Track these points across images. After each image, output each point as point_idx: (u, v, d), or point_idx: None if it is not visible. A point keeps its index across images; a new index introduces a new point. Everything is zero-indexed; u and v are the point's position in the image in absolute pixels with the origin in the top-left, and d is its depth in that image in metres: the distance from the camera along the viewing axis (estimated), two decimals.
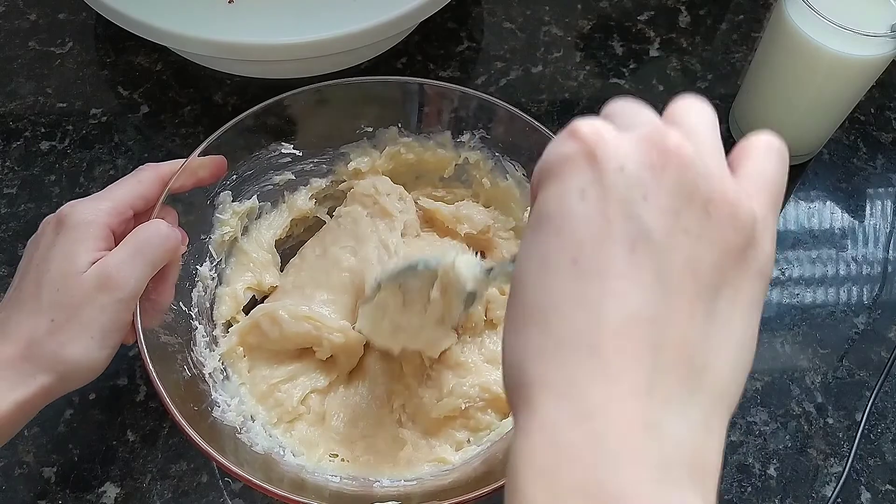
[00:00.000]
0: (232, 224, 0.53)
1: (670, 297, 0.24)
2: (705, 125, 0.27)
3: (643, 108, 0.28)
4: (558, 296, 0.24)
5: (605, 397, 0.23)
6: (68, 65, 0.71)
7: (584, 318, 0.23)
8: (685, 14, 0.77)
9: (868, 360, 0.58)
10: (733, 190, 0.25)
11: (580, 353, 0.23)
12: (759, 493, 0.53)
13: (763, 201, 0.26)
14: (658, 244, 0.24)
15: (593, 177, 0.24)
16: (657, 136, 0.25)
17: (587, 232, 0.24)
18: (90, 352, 0.41)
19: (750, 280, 0.25)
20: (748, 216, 0.25)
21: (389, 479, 0.47)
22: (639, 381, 0.23)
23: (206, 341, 0.50)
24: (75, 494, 0.51)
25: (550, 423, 0.23)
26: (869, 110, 0.71)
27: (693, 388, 0.23)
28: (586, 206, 0.24)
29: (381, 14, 0.62)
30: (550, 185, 0.25)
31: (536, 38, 0.75)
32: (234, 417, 0.47)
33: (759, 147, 0.28)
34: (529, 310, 0.25)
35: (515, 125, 0.53)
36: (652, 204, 0.24)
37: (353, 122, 0.56)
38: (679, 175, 0.24)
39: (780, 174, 0.27)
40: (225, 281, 0.53)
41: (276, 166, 0.55)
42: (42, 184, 0.63)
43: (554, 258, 0.24)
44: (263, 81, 0.70)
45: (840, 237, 0.65)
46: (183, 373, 0.46)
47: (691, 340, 0.24)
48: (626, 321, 0.23)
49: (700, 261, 0.24)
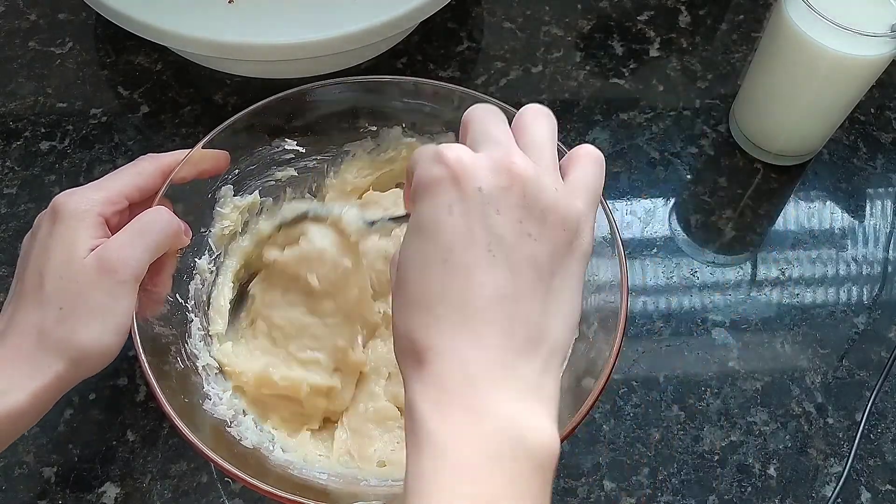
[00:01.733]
0: (232, 218, 0.53)
1: (518, 282, 0.32)
2: (546, 138, 0.35)
3: (496, 122, 0.35)
4: (435, 287, 0.32)
5: (476, 353, 0.32)
6: (68, 65, 0.71)
7: (457, 301, 0.32)
8: (685, 14, 0.77)
9: (868, 360, 0.58)
10: (564, 199, 0.33)
11: (456, 325, 0.32)
12: (759, 493, 0.53)
13: (584, 202, 0.35)
14: (508, 245, 0.32)
15: (458, 196, 0.32)
16: (506, 160, 0.33)
17: (455, 238, 0.32)
18: (101, 336, 0.41)
19: (576, 261, 0.34)
20: (574, 218, 0.34)
21: (377, 478, 0.47)
22: (499, 342, 0.32)
23: (202, 334, 0.50)
24: (75, 494, 0.51)
25: (438, 373, 0.32)
26: (869, 110, 0.71)
27: (535, 344, 0.33)
28: (453, 218, 0.32)
29: (381, 14, 0.62)
30: (425, 201, 0.33)
31: (536, 38, 0.75)
32: (224, 411, 0.47)
33: (582, 157, 0.36)
34: (413, 297, 0.33)
35: None
36: (503, 216, 0.32)
37: (356, 120, 0.56)
38: (522, 192, 0.32)
39: (598, 179, 0.36)
40: (223, 273, 0.53)
41: (279, 162, 0.55)
42: (42, 184, 0.63)
43: (431, 258, 0.33)
44: (263, 81, 0.70)
45: (840, 237, 0.65)
46: (176, 364, 0.46)
47: (534, 312, 0.33)
48: (488, 301, 0.32)
49: (540, 254, 0.33)
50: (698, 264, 0.63)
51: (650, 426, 0.55)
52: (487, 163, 0.33)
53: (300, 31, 0.61)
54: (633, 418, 0.55)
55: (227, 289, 0.53)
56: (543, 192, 0.33)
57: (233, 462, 0.41)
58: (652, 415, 0.56)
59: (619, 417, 0.55)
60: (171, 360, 0.46)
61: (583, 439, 0.54)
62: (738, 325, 0.60)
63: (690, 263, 0.63)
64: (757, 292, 0.62)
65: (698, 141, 0.69)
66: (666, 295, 0.61)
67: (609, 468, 0.53)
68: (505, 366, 0.32)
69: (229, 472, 0.40)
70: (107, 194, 0.44)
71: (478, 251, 0.32)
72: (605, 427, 0.55)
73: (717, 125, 0.70)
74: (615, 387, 0.56)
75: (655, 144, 0.69)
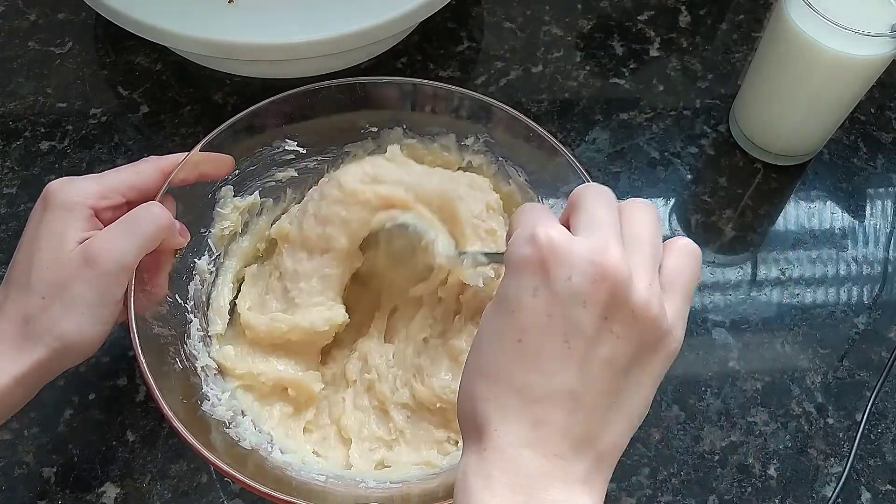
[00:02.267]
0: (232, 219, 0.53)
1: (588, 381, 0.32)
2: (649, 233, 0.34)
3: (605, 205, 0.34)
4: (504, 363, 0.32)
5: (531, 439, 0.32)
6: (68, 65, 0.71)
7: (521, 384, 0.32)
8: (685, 14, 0.77)
9: (868, 360, 0.58)
10: (656, 298, 0.32)
11: (517, 408, 0.32)
12: (759, 493, 0.53)
13: (678, 299, 0.34)
14: (587, 339, 0.31)
15: (544, 281, 0.32)
16: (603, 251, 0.32)
17: (533, 321, 0.32)
18: (82, 327, 0.42)
19: (660, 360, 0.33)
20: (664, 320, 0.32)
21: (375, 480, 0.47)
22: (555, 434, 0.32)
23: (201, 335, 0.50)
24: (75, 494, 0.51)
25: (493, 449, 0.32)
26: (869, 110, 0.71)
27: (591, 443, 0.32)
28: (536, 301, 0.32)
29: (381, 14, 0.62)
30: (512, 277, 0.33)
31: (536, 38, 0.75)
32: (223, 412, 0.47)
33: (679, 248, 0.35)
34: (483, 367, 0.33)
35: (516, 128, 0.53)
36: (588, 310, 0.31)
37: (356, 121, 0.56)
38: (613, 290, 0.31)
39: (694, 274, 0.35)
40: (222, 274, 0.53)
41: (280, 162, 0.55)
42: (42, 184, 0.62)
43: (506, 334, 0.33)
44: (263, 81, 0.70)
45: (840, 237, 0.65)
46: (174, 365, 0.46)
47: (596, 414, 0.32)
48: (553, 393, 0.32)
49: (620, 354, 0.32)
50: None
51: (650, 426, 0.55)
52: (583, 251, 0.32)
53: (300, 31, 0.61)
54: None
55: (226, 289, 0.53)
56: (634, 292, 0.32)
57: (231, 463, 0.41)
58: (652, 415, 0.55)
59: None
60: (169, 361, 0.46)
61: None
62: (738, 325, 0.60)
63: None
64: (757, 292, 0.62)
65: (698, 141, 0.69)
66: None
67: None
68: (557, 456, 0.32)
69: (227, 473, 0.40)
70: (100, 188, 0.45)
71: (554, 340, 0.32)
72: None
73: (717, 125, 0.70)
74: None
75: (655, 144, 0.69)
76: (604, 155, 0.67)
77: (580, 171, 0.50)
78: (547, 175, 0.53)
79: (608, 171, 0.66)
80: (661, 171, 0.67)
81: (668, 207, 0.66)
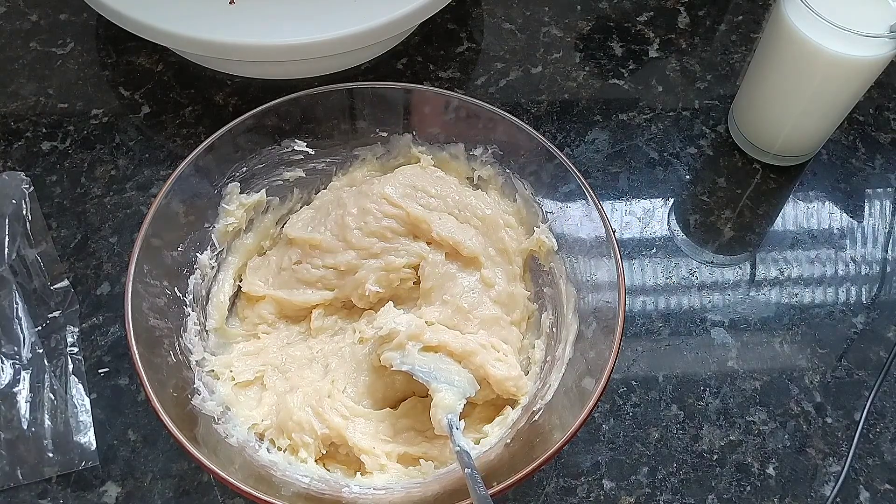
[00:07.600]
0: (237, 216, 0.53)
1: None
2: None
3: None
4: None
5: None
6: (69, 65, 0.71)
7: None
8: (684, 15, 0.78)
9: (867, 360, 0.59)
10: None
11: None
12: (758, 492, 0.53)
13: None
14: None
15: None
16: None
17: None
18: None
19: None
20: None
21: (359, 485, 0.47)
22: None
23: (197, 329, 0.50)
24: (76, 494, 0.51)
25: None
26: (868, 111, 0.71)
27: None
28: None
29: (381, 15, 0.62)
30: None
31: (536, 39, 0.75)
32: (213, 407, 0.47)
33: None
34: None
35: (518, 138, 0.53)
36: None
37: (367, 126, 0.56)
38: None
39: None
40: (224, 270, 0.54)
41: (288, 162, 0.55)
42: (44, 184, 0.63)
43: None
44: (264, 82, 0.70)
45: (839, 237, 0.65)
46: (168, 358, 0.46)
47: None
48: None
49: None
50: (697, 264, 0.63)
51: (649, 425, 0.55)
52: None
53: (300, 32, 0.61)
54: (633, 418, 0.56)
55: (227, 285, 0.53)
56: None
57: (214, 459, 0.41)
58: (651, 414, 0.56)
59: (619, 417, 0.55)
60: (163, 353, 0.46)
61: (582, 438, 0.54)
62: (736, 325, 0.60)
63: (689, 263, 0.63)
64: (756, 292, 0.62)
65: (697, 141, 0.69)
66: (665, 295, 0.61)
67: (608, 467, 0.53)
68: None
69: (207, 468, 0.40)
70: None
71: None
72: (605, 426, 0.55)
73: (716, 126, 0.70)
74: (614, 386, 0.57)
75: (654, 145, 0.69)
76: (603, 155, 0.67)
77: (575, 175, 0.51)
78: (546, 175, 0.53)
79: (607, 171, 0.67)
80: (660, 171, 0.67)
81: (667, 208, 0.66)
